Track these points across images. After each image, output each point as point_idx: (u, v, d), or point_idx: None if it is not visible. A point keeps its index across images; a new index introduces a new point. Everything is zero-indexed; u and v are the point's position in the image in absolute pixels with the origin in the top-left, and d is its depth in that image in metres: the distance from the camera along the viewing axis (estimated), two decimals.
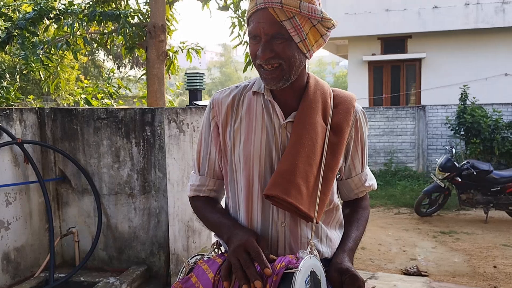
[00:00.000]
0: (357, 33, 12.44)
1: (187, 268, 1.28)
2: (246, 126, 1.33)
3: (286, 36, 1.21)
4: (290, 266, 1.13)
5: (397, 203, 8.48)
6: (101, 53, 17.79)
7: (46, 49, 5.56)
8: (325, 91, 1.36)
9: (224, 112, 1.36)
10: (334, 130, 1.32)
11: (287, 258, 1.16)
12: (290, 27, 1.20)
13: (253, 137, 1.31)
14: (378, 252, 5.62)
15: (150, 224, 3.86)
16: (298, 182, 1.23)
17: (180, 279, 1.25)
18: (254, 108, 1.34)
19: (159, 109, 3.82)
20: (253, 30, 1.23)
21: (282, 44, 1.21)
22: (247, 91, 1.38)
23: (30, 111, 3.91)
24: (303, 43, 1.23)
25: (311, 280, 1.12)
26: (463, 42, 12.08)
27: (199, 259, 1.29)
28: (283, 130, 1.31)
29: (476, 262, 5.18)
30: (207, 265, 1.24)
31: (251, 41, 1.26)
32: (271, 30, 1.20)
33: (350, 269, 1.20)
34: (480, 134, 9.04)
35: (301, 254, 1.16)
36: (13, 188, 3.67)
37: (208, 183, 1.44)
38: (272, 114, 1.32)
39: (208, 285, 1.19)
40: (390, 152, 10.99)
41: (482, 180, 6.98)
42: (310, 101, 1.31)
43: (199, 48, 6.67)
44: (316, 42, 1.26)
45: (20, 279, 3.70)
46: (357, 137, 1.39)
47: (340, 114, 1.34)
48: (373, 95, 12.98)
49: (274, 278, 1.11)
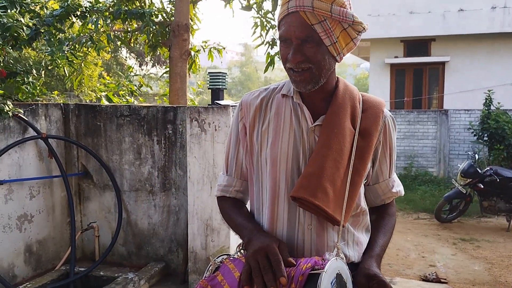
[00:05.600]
0: (380, 35, 12.30)
1: (214, 266, 1.28)
2: (274, 128, 1.33)
3: (317, 40, 1.21)
4: (316, 267, 1.12)
5: (417, 208, 8.36)
6: (123, 51, 18.00)
7: (71, 45, 5.65)
8: (354, 96, 1.36)
9: (252, 114, 1.37)
10: (362, 135, 1.31)
11: (314, 259, 1.16)
12: (321, 30, 1.19)
13: (281, 139, 1.31)
14: (397, 257, 5.55)
15: (170, 222, 3.89)
16: (325, 185, 1.23)
17: (206, 277, 1.26)
18: (283, 111, 1.34)
19: (181, 107, 3.85)
20: (284, 33, 1.24)
21: (313, 48, 1.21)
22: (276, 93, 1.39)
23: (55, 106, 3.97)
24: (333, 46, 1.22)
25: (337, 282, 1.12)
26: (488, 46, 11.84)
27: (225, 259, 1.30)
28: (311, 133, 1.31)
29: (497, 271, 5.07)
30: (233, 264, 1.24)
31: (282, 44, 1.27)
32: (302, 33, 1.20)
33: (378, 275, 1.19)
34: (504, 140, 8.84)
35: (328, 256, 1.16)
36: (37, 182, 3.75)
37: (235, 184, 1.45)
38: (300, 117, 1.32)
39: (233, 283, 1.19)
40: (410, 156, 10.84)
41: (505, 188, 6.83)
42: (339, 105, 1.31)
43: (220, 48, 6.69)
44: (347, 45, 1.26)
45: (41, 271, 3.77)
46: (386, 143, 1.38)
47: (369, 119, 1.33)
48: (394, 98, 12.83)
49: (300, 278, 1.11)
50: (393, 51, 12.80)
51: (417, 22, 12.03)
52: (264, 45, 6.34)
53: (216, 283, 1.22)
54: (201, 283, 1.24)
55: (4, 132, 3.48)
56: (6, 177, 3.48)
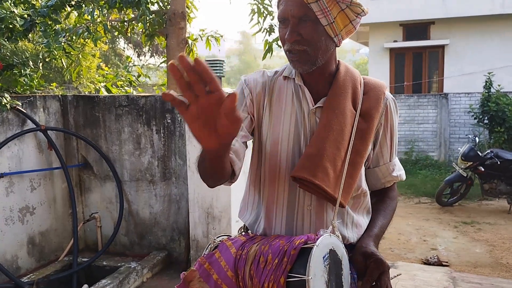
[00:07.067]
0: (379, 19, 12.20)
1: (213, 245, 1.31)
2: (276, 110, 1.34)
3: (313, 19, 1.21)
4: (309, 242, 1.14)
5: (418, 192, 8.38)
6: (121, 42, 17.92)
7: (68, 37, 5.61)
8: (355, 78, 1.35)
9: (259, 91, 1.36)
10: (363, 117, 1.31)
11: (307, 235, 1.17)
12: (317, 9, 1.19)
13: (283, 121, 1.32)
14: (398, 241, 5.57)
15: (171, 211, 3.90)
16: (326, 165, 1.23)
17: (205, 254, 1.29)
18: (285, 93, 1.35)
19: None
20: (281, 13, 1.24)
21: (309, 27, 1.21)
22: (278, 76, 1.39)
23: (53, 98, 3.96)
24: (330, 26, 1.22)
25: (330, 258, 1.13)
26: (488, 28, 11.75)
27: (225, 238, 1.32)
28: (312, 115, 1.32)
29: (499, 253, 5.09)
30: (231, 242, 1.26)
31: (280, 25, 1.27)
32: (298, 12, 1.20)
33: (375, 253, 1.20)
34: (505, 123, 8.83)
35: (322, 233, 1.17)
36: (38, 174, 3.75)
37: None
38: (302, 99, 1.33)
39: (230, 260, 1.21)
40: (411, 141, 10.84)
41: (506, 170, 6.83)
42: (340, 87, 1.31)
43: (218, 36, 6.64)
44: (345, 27, 1.25)
45: (44, 263, 3.79)
46: (387, 125, 1.37)
47: (370, 101, 1.33)
48: (394, 83, 12.77)
49: (292, 252, 1.12)
50: (392, 36, 12.72)
51: (416, 6, 11.92)
52: (262, 32, 6.28)
53: (214, 260, 1.24)
54: (199, 260, 1.27)
55: (3, 125, 3.47)
56: (6, 169, 3.48)
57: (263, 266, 1.14)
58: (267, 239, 1.24)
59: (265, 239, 1.25)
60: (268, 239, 1.24)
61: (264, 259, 1.15)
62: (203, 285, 1.22)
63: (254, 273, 1.15)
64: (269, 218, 1.34)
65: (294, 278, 1.09)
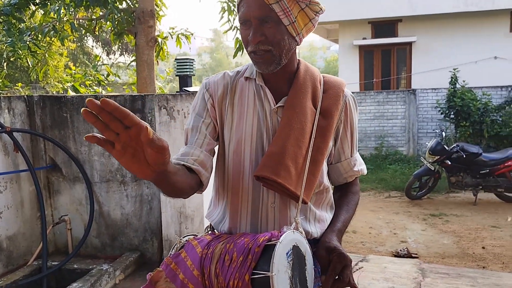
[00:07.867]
0: (348, 17, 12.39)
1: (179, 245, 1.32)
2: (238, 110, 1.36)
3: (276, 19, 1.23)
4: (272, 239, 1.16)
5: (388, 186, 8.56)
6: (90, 40, 17.55)
7: (33, 35, 5.48)
8: (315, 77, 1.38)
9: (220, 93, 1.37)
10: (323, 114, 1.34)
11: (271, 233, 1.20)
12: (279, 10, 1.21)
13: (245, 121, 1.34)
14: (369, 235, 5.69)
15: (143, 211, 3.87)
16: (287, 163, 1.26)
17: (172, 254, 1.30)
18: (246, 93, 1.37)
19: (149, 95, 3.80)
20: (243, 15, 1.25)
21: (272, 28, 1.24)
22: (240, 76, 1.40)
23: (18, 99, 3.86)
24: (292, 26, 1.25)
25: (293, 253, 1.15)
26: (453, 25, 12.09)
27: (191, 238, 1.33)
28: (274, 115, 1.34)
29: (465, 243, 5.27)
30: (197, 242, 1.28)
31: (242, 27, 1.28)
32: (260, 13, 1.22)
33: (338, 248, 1.23)
34: (470, 117, 9.12)
35: (285, 229, 1.19)
36: (4, 177, 3.65)
37: (194, 152, 1.30)
38: (263, 99, 1.35)
39: (195, 259, 1.22)
40: (380, 136, 11.06)
41: (471, 163, 7.06)
42: (300, 86, 1.34)
43: (188, 34, 6.61)
44: (305, 26, 1.28)
45: (13, 268, 3.70)
46: (347, 122, 1.41)
47: (330, 99, 1.36)
48: (364, 80, 12.99)
49: (256, 249, 1.14)
50: (361, 33, 12.92)
51: (384, 3, 12.15)
52: (232, 30, 6.29)
53: (180, 259, 1.25)
54: (166, 261, 1.27)
55: None
56: None
57: (228, 264, 1.16)
58: (232, 238, 1.26)
59: (230, 237, 1.27)
60: (234, 237, 1.26)
61: (229, 257, 1.17)
62: (169, 285, 1.22)
63: (220, 271, 1.17)
64: (234, 216, 1.36)
65: (258, 275, 1.11)
